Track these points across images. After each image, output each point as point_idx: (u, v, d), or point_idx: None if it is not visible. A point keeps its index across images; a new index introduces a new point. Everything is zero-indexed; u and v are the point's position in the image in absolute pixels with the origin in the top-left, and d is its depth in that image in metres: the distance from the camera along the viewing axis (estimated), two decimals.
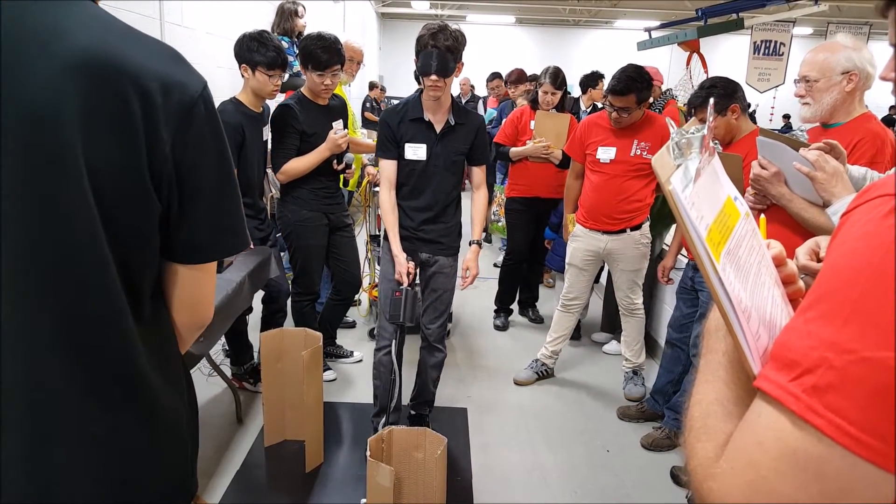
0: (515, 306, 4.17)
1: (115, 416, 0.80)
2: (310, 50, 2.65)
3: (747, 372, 0.55)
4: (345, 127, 2.92)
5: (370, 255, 3.81)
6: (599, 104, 4.47)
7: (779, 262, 0.66)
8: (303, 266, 2.94)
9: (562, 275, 3.35)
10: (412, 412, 2.70)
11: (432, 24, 2.19)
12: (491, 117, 5.09)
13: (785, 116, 13.73)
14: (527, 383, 3.27)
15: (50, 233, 0.71)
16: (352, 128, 3.38)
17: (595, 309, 3.99)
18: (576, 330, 3.53)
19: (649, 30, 7.57)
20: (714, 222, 0.55)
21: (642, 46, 7.37)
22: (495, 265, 5.14)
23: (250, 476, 2.42)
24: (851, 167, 1.59)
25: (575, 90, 5.05)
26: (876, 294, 0.42)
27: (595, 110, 4.26)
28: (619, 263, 3.02)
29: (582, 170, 3.08)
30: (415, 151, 2.33)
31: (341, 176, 3.05)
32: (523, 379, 3.28)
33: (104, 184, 0.73)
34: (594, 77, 4.67)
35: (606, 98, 2.84)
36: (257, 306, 3.00)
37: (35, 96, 0.68)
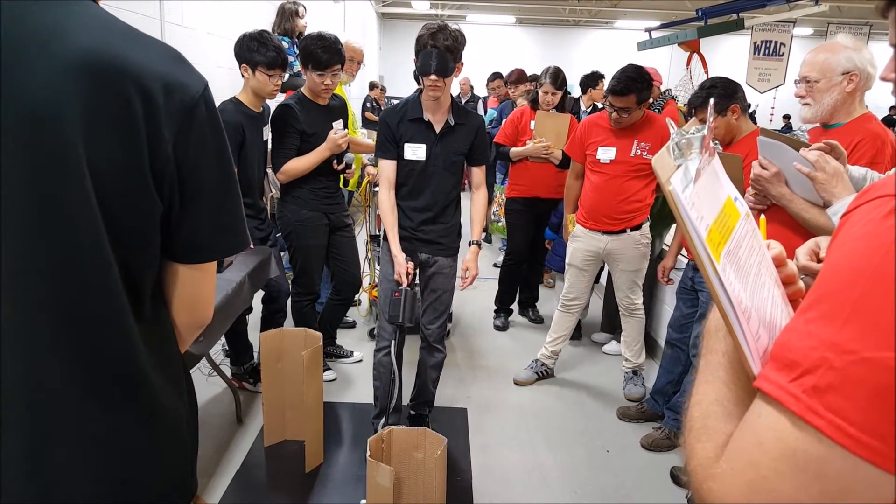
0: (515, 306, 4.17)
1: (115, 416, 0.80)
2: (310, 50, 2.65)
3: (747, 372, 0.55)
4: (345, 127, 2.92)
5: (370, 255, 3.81)
6: (599, 104, 4.47)
7: (779, 263, 0.66)
8: (303, 266, 2.94)
9: (562, 275, 3.35)
10: (412, 412, 2.70)
11: (432, 24, 2.18)
12: (491, 117, 5.09)
13: (785, 117, 13.73)
14: (527, 383, 3.27)
15: (52, 234, 0.71)
16: (352, 128, 3.38)
17: (595, 309, 3.99)
18: (576, 330, 3.53)
19: (649, 30, 7.58)
20: (714, 223, 0.55)
21: (642, 47, 7.38)
22: (495, 265, 5.14)
23: (250, 476, 2.42)
24: (851, 168, 1.59)
25: (575, 90, 5.05)
26: (876, 294, 0.42)
27: (595, 110, 4.26)
28: (619, 264, 3.02)
29: (582, 170, 3.08)
30: (414, 151, 2.32)
31: (341, 176, 3.05)
32: (523, 379, 3.28)
33: (106, 184, 0.73)
34: (594, 77, 4.67)
35: (606, 98, 2.84)
36: (257, 306, 3.00)
37: (35, 96, 0.68)
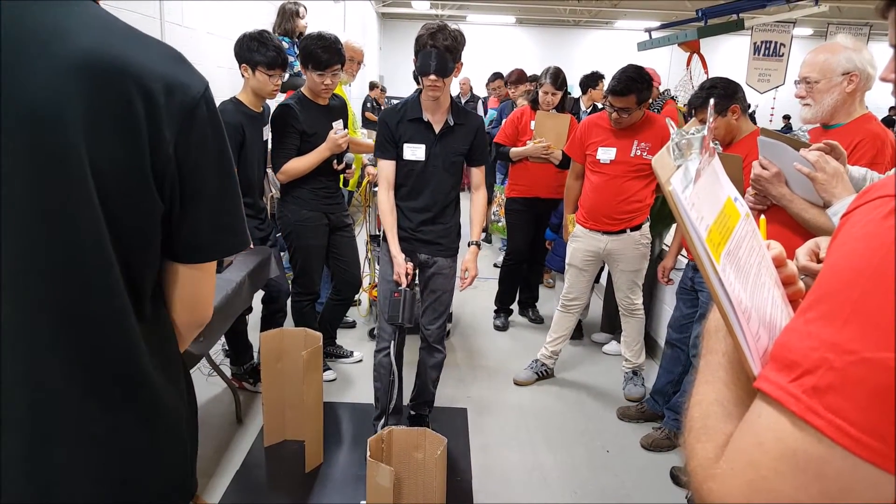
0: (515, 306, 4.17)
1: (116, 416, 0.80)
2: (310, 49, 2.65)
3: (747, 373, 0.55)
4: (345, 127, 2.92)
5: (370, 255, 3.81)
6: (599, 104, 4.47)
7: (779, 263, 0.66)
8: (303, 266, 2.94)
9: (562, 275, 3.35)
10: (412, 412, 2.70)
11: (431, 24, 2.18)
12: (491, 118, 5.09)
13: (785, 117, 13.73)
14: (527, 383, 3.27)
15: (54, 234, 0.71)
16: (352, 128, 3.37)
17: (595, 309, 3.99)
18: (576, 330, 3.53)
19: (649, 30, 7.59)
20: (714, 223, 0.55)
21: (642, 47, 7.39)
22: (495, 265, 5.14)
23: (250, 476, 2.41)
24: (852, 168, 1.59)
25: (575, 90, 5.05)
26: (876, 295, 0.42)
27: (595, 111, 4.26)
28: (619, 264, 3.02)
29: (582, 170, 3.08)
30: (413, 152, 2.32)
31: (341, 176, 3.05)
32: (523, 379, 3.28)
33: (108, 184, 0.73)
34: (594, 77, 4.68)
35: (606, 98, 2.84)
36: (257, 306, 3.00)
37: (35, 97, 0.68)
